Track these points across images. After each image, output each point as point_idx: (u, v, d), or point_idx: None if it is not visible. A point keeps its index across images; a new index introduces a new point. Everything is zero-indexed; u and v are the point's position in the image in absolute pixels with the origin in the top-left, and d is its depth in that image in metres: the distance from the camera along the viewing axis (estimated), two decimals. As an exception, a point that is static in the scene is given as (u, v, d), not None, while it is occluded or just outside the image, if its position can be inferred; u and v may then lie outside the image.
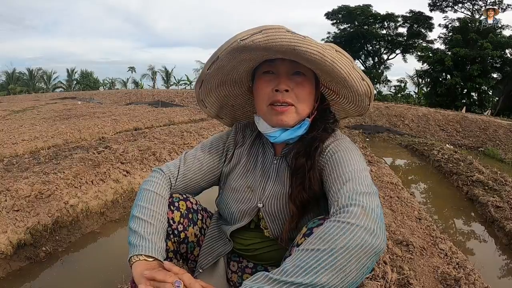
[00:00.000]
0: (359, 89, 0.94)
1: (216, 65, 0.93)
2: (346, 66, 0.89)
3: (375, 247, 0.66)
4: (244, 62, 0.96)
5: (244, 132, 1.14)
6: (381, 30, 26.58)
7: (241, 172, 1.08)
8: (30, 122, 7.18)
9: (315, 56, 0.83)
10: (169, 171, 1.06)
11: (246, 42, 0.82)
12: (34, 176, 2.82)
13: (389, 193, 3.22)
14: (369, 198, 0.74)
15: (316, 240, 0.67)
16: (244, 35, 0.82)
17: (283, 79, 0.94)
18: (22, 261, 2.04)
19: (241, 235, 1.06)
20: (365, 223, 0.67)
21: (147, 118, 8.15)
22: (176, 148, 4.47)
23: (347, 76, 0.90)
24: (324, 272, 0.63)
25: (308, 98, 0.97)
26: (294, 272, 0.64)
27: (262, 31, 0.81)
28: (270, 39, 0.80)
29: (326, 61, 0.84)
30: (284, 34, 0.80)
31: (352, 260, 0.64)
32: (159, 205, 0.96)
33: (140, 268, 0.82)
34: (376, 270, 1.73)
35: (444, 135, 9.39)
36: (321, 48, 0.83)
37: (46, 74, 38.51)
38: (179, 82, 41.87)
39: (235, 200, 1.05)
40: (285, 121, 0.95)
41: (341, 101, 1.08)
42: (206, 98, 1.09)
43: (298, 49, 0.81)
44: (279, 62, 0.94)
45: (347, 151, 0.90)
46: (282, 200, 0.98)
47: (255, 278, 0.66)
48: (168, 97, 14.72)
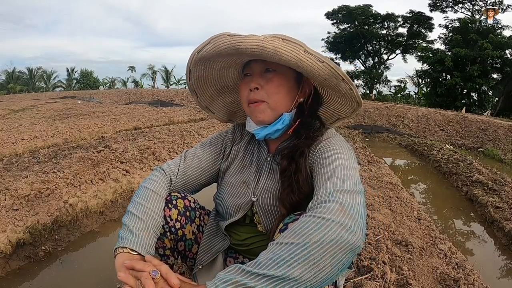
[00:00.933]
0: (320, 72, 0.90)
1: (194, 76, 1.03)
2: (293, 52, 0.87)
3: (351, 243, 0.66)
4: (223, 70, 1.04)
5: (243, 130, 1.17)
6: (381, 30, 26.57)
7: (237, 168, 1.11)
8: (29, 121, 7.18)
9: (256, 50, 0.85)
10: (169, 169, 1.08)
11: (201, 53, 0.92)
12: (34, 175, 2.82)
13: (388, 193, 3.22)
14: (349, 196, 0.74)
15: (290, 234, 0.68)
16: (199, 47, 0.92)
17: (255, 78, 0.98)
18: (21, 260, 2.04)
19: (237, 230, 1.09)
20: (341, 219, 0.67)
21: (146, 118, 8.15)
22: (176, 147, 4.47)
23: (298, 61, 0.87)
24: (297, 266, 0.63)
25: (279, 91, 0.97)
26: (267, 265, 0.64)
27: (210, 42, 0.89)
28: (216, 46, 0.88)
29: (268, 52, 0.85)
30: (226, 39, 0.86)
31: (326, 255, 0.64)
32: (154, 202, 0.98)
33: (122, 259, 0.84)
34: (375, 270, 1.73)
35: (444, 135, 9.39)
36: (260, 41, 0.84)
37: (46, 73, 38.53)
38: (179, 82, 41.89)
39: (231, 195, 1.08)
40: (260, 117, 0.98)
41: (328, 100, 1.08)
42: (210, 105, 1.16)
43: (239, 47, 0.85)
44: (253, 63, 0.99)
45: (337, 149, 0.91)
46: (275, 195, 1.00)
47: (229, 270, 0.67)
48: (168, 97, 14.71)
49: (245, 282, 0.63)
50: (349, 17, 26.09)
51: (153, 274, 0.73)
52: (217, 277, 0.66)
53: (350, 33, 26.55)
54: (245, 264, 0.67)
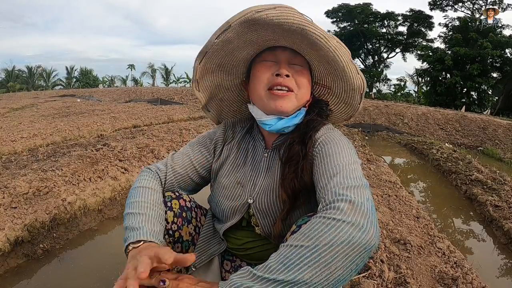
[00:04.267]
0: (355, 82, 0.95)
1: (225, 36, 0.90)
2: (345, 56, 0.91)
3: (364, 243, 0.64)
4: (248, 45, 0.96)
5: (234, 128, 1.13)
6: (381, 28, 26.57)
7: (230, 168, 1.07)
8: (29, 120, 7.17)
9: (321, 40, 0.84)
10: (156, 168, 1.05)
11: (260, 15, 0.83)
12: (32, 173, 2.81)
13: (387, 192, 3.22)
14: (357, 191, 0.72)
15: (300, 237, 0.66)
16: (259, 8, 0.84)
17: (284, 65, 0.95)
18: (20, 258, 2.04)
19: (234, 234, 1.06)
20: (352, 218, 0.65)
21: (146, 116, 8.14)
22: (175, 145, 4.47)
23: (346, 66, 0.91)
24: (307, 269, 0.62)
25: (307, 86, 0.99)
26: (277, 269, 0.63)
27: (276, 8, 0.83)
28: (283, 16, 0.82)
29: (330, 47, 0.86)
30: (297, 14, 0.83)
31: (338, 257, 0.62)
32: (148, 195, 0.94)
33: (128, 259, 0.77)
34: (373, 269, 1.73)
35: (443, 134, 9.39)
36: (326, 34, 0.85)
37: (46, 72, 38.49)
38: (178, 80, 41.86)
39: (225, 197, 1.03)
40: (284, 107, 0.95)
41: (332, 100, 1.08)
42: (201, 79, 1.06)
43: (307, 30, 0.83)
44: (280, 51, 0.96)
45: (337, 144, 0.89)
46: (273, 194, 0.97)
47: (240, 273, 0.66)
48: (168, 95, 14.70)
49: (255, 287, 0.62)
50: (349, 15, 26.08)
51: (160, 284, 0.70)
52: (230, 280, 0.65)
53: (350, 31, 26.54)
54: (255, 268, 0.65)
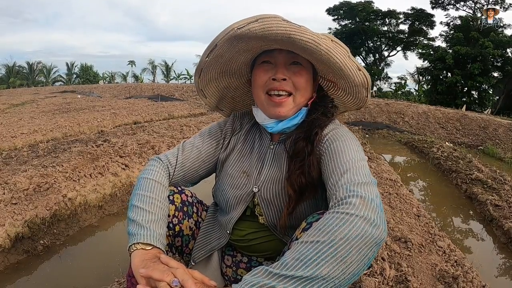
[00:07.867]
0: (356, 79, 0.94)
1: (214, 53, 0.93)
2: (341, 55, 0.89)
3: (375, 237, 0.65)
4: (242, 52, 0.96)
5: (242, 120, 1.14)
6: (382, 26, 26.43)
7: (236, 158, 1.08)
8: (29, 116, 7.17)
9: (310, 45, 0.83)
10: (167, 160, 1.05)
11: (242, 31, 0.83)
12: (33, 169, 2.81)
13: (388, 190, 3.21)
14: (367, 188, 0.74)
15: (315, 232, 0.67)
16: (241, 23, 0.84)
17: (281, 68, 0.95)
18: (20, 254, 2.04)
19: (237, 225, 1.06)
20: (364, 213, 0.67)
21: (146, 112, 8.13)
22: (175, 142, 4.47)
23: (343, 66, 0.90)
24: (324, 264, 0.62)
25: (305, 87, 0.97)
26: (294, 266, 0.63)
27: (258, 20, 0.82)
28: (266, 27, 0.82)
29: (321, 50, 0.85)
30: (280, 23, 0.82)
31: (352, 251, 0.63)
32: (158, 192, 0.95)
33: (138, 259, 0.81)
34: (374, 267, 1.73)
35: (443, 133, 9.38)
36: (316, 37, 0.83)
37: (46, 68, 38.35)
38: (179, 76, 41.74)
39: (231, 186, 1.04)
40: (283, 113, 0.96)
41: (340, 94, 1.08)
42: (205, 88, 1.09)
43: (293, 37, 0.82)
44: (277, 53, 0.95)
45: (345, 141, 0.90)
46: (278, 184, 0.97)
47: (255, 273, 0.65)
48: (168, 91, 14.68)
49: (273, 285, 0.61)
50: (350, 13, 25.96)
51: (173, 284, 0.69)
52: (243, 281, 0.64)
53: (351, 29, 26.43)
54: (270, 266, 0.65)
